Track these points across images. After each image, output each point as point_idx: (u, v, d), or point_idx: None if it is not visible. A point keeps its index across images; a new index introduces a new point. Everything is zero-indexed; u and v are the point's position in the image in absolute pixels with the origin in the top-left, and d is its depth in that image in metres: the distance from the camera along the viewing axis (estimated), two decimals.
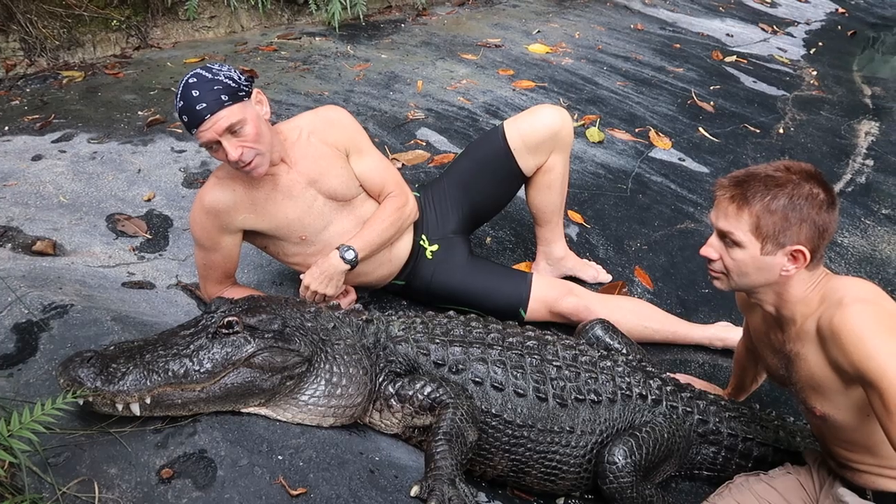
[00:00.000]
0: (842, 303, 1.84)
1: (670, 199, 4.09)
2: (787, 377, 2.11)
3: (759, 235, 1.89)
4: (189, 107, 2.29)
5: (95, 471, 1.73)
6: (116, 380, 1.77)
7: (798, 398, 2.11)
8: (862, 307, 1.80)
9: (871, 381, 1.72)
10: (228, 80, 2.33)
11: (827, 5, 9.03)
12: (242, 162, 2.38)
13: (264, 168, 2.46)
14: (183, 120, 2.34)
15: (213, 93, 2.29)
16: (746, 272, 1.96)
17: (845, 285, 1.92)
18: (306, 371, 2.02)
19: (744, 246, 1.92)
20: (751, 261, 1.93)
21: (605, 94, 5.27)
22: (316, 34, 5.78)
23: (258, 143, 2.38)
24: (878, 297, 1.87)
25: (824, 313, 1.89)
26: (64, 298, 2.35)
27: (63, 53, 4.97)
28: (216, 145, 2.36)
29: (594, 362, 2.37)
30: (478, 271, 2.91)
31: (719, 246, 1.98)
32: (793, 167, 1.94)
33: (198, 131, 2.33)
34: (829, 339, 1.85)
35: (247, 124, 2.35)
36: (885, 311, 1.81)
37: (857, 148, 5.21)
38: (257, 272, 3.08)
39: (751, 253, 1.92)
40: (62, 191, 3.35)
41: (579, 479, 2.29)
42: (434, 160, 3.97)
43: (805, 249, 1.88)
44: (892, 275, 3.79)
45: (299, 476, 1.84)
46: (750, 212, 1.89)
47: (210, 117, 2.29)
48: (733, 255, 1.95)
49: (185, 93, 2.30)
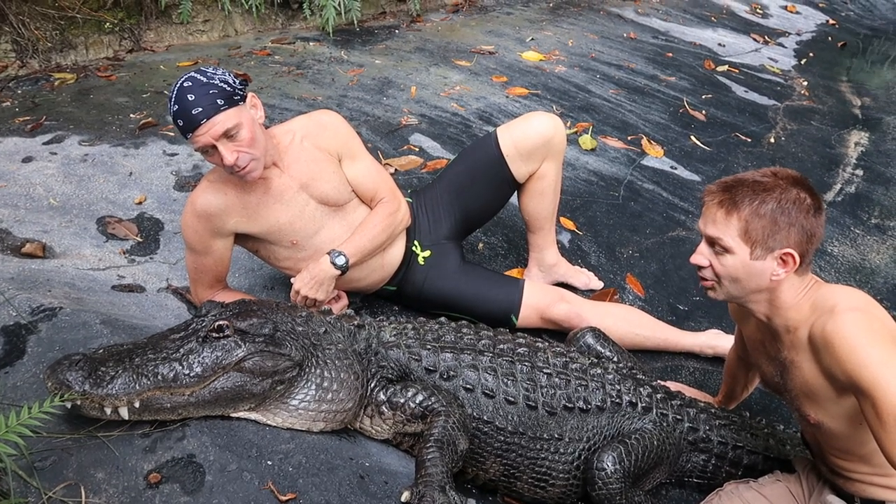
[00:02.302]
0: (834, 311, 1.84)
1: (662, 207, 4.11)
2: (781, 385, 2.11)
3: (749, 240, 1.90)
4: (185, 111, 2.28)
5: (82, 475, 1.72)
6: (105, 383, 1.76)
7: (793, 406, 2.12)
8: (854, 315, 1.81)
9: (863, 389, 1.73)
10: (224, 84, 2.33)
11: (818, 16, 9.12)
12: (238, 167, 2.37)
13: (258, 172, 2.45)
14: (178, 124, 2.33)
15: (209, 97, 2.28)
16: (737, 278, 1.96)
17: (836, 293, 1.93)
18: (297, 376, 2.01)
19: (733, 251, 1.92)
20: (741, 266, 1.93)
21: (598, 101, 5.29)
22: (310, 39, 5.79)
23: (253, 147, 2.38)
24: (868, 305, 1.88)
25: (816, 321, 1.89)
26: (53, 301, 2.34)
27: (55, 55, 4.95)
28: (211, 149, 2.35)
29: (584, 370, 2.37)
30: (470, 277, 2.91)
31: (709, 253, 1.99)
32: (780, 173, 1.95)
33: (193, 136, 2.32)
34: (821, 348, 1.86)
35: (242, 129, 2.35)
36: (877, 319, 1.82)
37: (847, 158, 5.25)
38: (248, 276, 3.07)
39: (740, 258, 1.92)
40: (52, 193, 3.33)
41: (569, 486, 2.29)
42: (427, 166, 3.97)
43: (794, 253, 1.89)
44: (881, 284, 3.82)
45: (288, 481, 1.83)
46: (739, 216, 1.90)
47: (206, 122, 2.29)
48: (723, 261, 1.95)
49: (181, 97, 2.29)
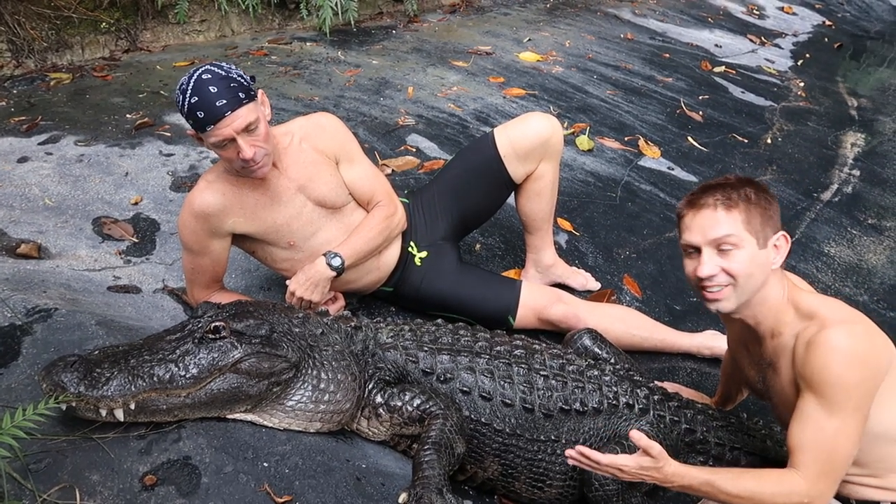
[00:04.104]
0: (824, 324, 1.87)
1: (659, 208, 4.11)
2: (764, 390, 2.11)
3: (752, 231, 1.91)
4: (207, 102, 2.25)
5: (77, 477, 1.71)
6: (100, 385, 1.75)
7: (775, 413, 2.12)
8: (848, 328, 1.84)
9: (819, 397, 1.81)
10: (241, 78, 2.34)
11: (814, 18, 9.13)
12: (254, 161, 2.36)
13: (268, 168, 2.45)
14: (196, 116, 2.27)
15: (231, 90, 2.27)
16: (752, 272, 1.92)
17: (823, 305, 1.95)
18: (293, 377, 2.01)
19: (742, 245, 1.90)
20: (752, 258, 1.91)
21: (595, 102, 5.29)
22: (307, 39, 5.78)
23: (267, 142, 2.39)
24: (854, 317, 1.91)
25: (804, 332, 1.90)
26: (48, 302, 2.33)
27: (51, 55, 4.94)
28: (229, 143, 2.33)
29: (581, 372, 2.37)
30: (467, 278, 2.91)
31: (715, 259, 1.93)
32: (729, 177, 2.03)
33: (215, 128, 2.28)
34: (800, 354, 1.88)
35: (260, 123, 2.35)
36: (866, 334, 1.87)
37: (843, 159, 5.26)
38: (245, 277, 3.06)
39: (749, 251, 1.91)
40: (48, 193, 3.31)
41: (566, 487, 2.29)
42: (424, 166, 3.96)
43: (786, 234, 1.95)
44: (877, 284, 3.83)
45: (285, 483, 1.82)
46: (738, 209, 1.92)
47: (230, 114, 2.27)
48: (735, 259, 1.91)
49: (201, 89, 2.25)
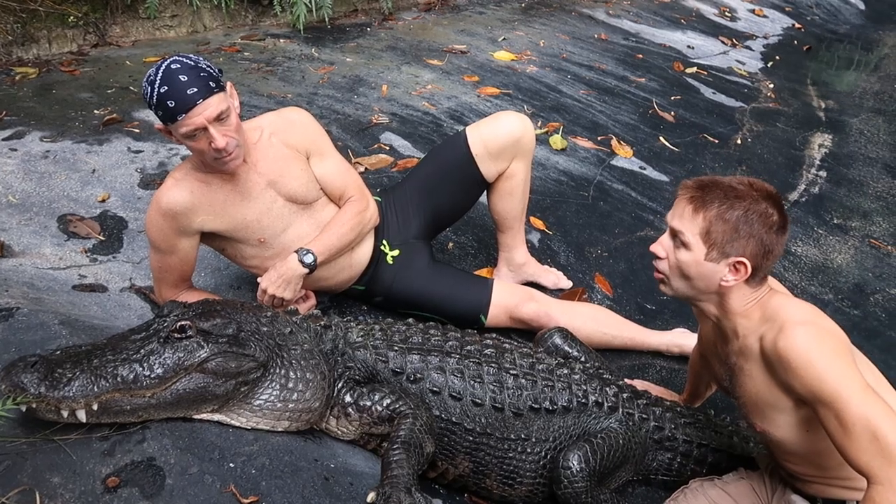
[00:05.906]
0: (784, 326, 1.88)
1: (631, 207, 4.14)
2: (730, 388, 2.14)
3: (708, 241, 1.92)
4: (178, 91, 2.22)
5: (37, 480, 1.67)
6: (62, 385, 1.72)
7: (741, 412, 2.15)
8: (804, 329, 1.85)
9: (825, 401, 1.77)
10: (210, 69, 2.32)
11: (784, 20, 9.27)
12: (226, 151, 2.34)
13: (240, 160, 2.43)
14: (167, 105, 2.24)
15: (202, 79, 2.26)
16: (687, 275, 1.98)
17: (786, 306, 1.95)
18: (261, 376, 1.99)
19: (690, 248, 1.94)
20: (693, 264, 1.95)
21: (569, 102, 5.32)
22: (280, 36, 5.72)
23: (239, 133, 2.38)
24: (817, 318, 1.92)
25: (766, 334, 1.92)
26: (10, 301, 2.28)
27: (16, 49, 4.82)
28: (200, 133, 2.30)
29: (551, 371, 2.38)
30: (439, 277, 2.90)
31: (669, 245, 2.01)
32: (756, 184, 1.97)
33: (186, 116, 2.26)
34: (776, 363, 1.89)
35: (232, 113, 2.34)
36: (827, 332, 1.87)
37: (810, 160, 5.36)
38: (215, 276, 3.02)
39: (695, 256, 1.95)
40: (11, 190, 3.24)
41: (536, 484, 2.30)
42: (398, 165, 3.95)
43: (747, 263, 1.91)
44: (843, 283, 3.90)
45: (251, 484, 1.80)
46: (704, 216, 1.92)
47: (202, 102, 2.25)
48: (679, 255, 1.98)
49: (171, 78, 2.23)
